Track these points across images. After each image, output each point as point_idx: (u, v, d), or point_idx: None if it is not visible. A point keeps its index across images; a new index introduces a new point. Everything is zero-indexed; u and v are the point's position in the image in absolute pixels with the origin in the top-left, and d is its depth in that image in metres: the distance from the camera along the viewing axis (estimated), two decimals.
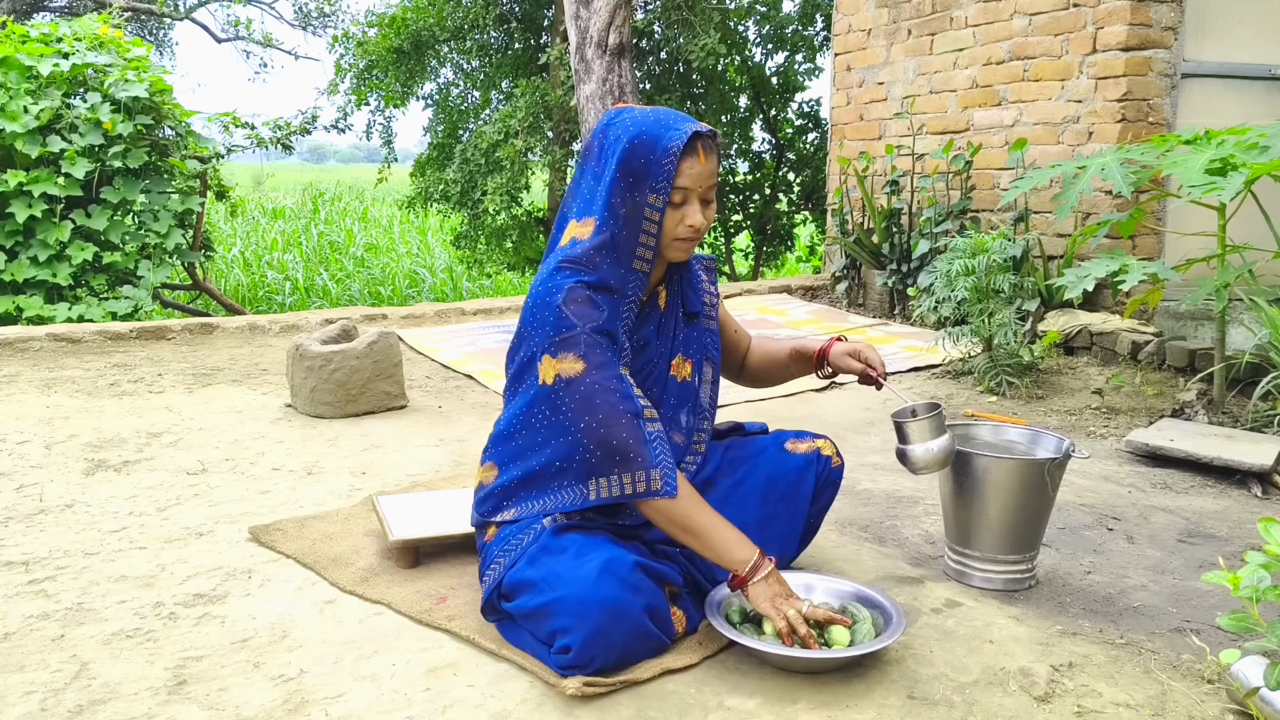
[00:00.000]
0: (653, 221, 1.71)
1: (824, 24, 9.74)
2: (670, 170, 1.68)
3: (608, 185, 1.72)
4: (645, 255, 1.73)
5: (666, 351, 1.86)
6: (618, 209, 1.71)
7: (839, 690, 1.57)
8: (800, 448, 1.95)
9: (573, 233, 1.77)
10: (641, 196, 1.70)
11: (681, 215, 1.72)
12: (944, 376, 3.98)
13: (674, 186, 1.69)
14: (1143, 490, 2.66)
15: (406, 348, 4.47)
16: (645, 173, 1.69)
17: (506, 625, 1.72)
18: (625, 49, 6.96)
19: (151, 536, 2.23)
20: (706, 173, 1.72)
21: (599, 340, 1.67)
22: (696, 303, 1.91)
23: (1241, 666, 1.50)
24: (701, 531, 1.66)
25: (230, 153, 7.59)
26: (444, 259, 12.32)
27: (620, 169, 1.70)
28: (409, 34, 9.70)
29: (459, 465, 2.79)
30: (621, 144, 1.71)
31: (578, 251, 1.73)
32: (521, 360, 1.79)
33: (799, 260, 11.76)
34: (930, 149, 5.16)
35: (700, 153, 1.71)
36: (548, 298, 1.69)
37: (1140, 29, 4.15)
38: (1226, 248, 3.21)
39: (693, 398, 1.91)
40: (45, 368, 4.01)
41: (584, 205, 1.78)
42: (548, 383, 1.68)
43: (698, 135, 1.70)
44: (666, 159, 1.68)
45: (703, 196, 1.74)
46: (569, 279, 1.70)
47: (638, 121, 1.72)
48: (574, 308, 1.67)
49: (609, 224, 1.72)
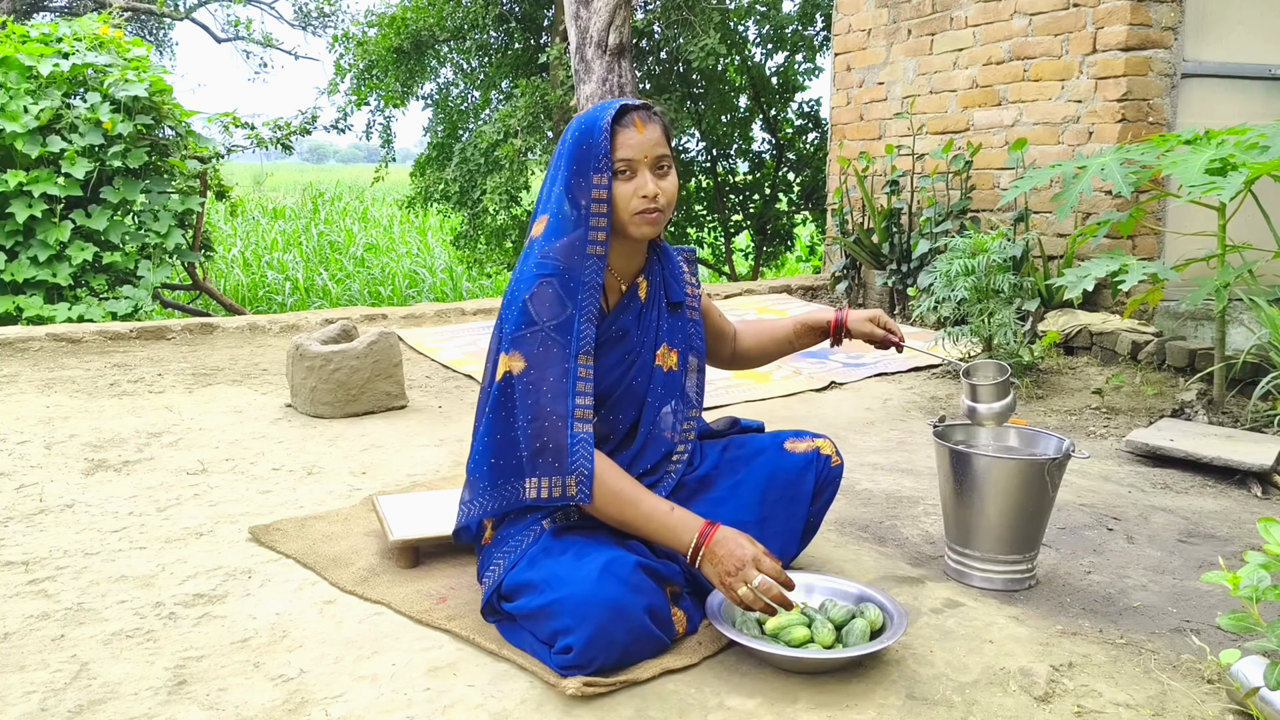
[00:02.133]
0: (600, 201, 1.72)
1: (824, 24, 9.74)
2: (606, 145, 1.71)
3: (558, 179, 1.77)
4: (597, 238, 1.73)
5: (650, 341, 1.87)
6: (573, 199, 1.75)
7: (839, 690, 1.57)
8: (800, 447, 1.95)
9: (533, 233, 1.82)
10: (588, 180, 1.72)
11: (634, 187, 1.73)
12: (944, 376, 3.98)
13: (614, 158, 1.71)
14: (1143, 490, 2.66)
15: (406, 348, 4.47)
16: (588, 155, 1.72)
17: (506, 625, 1.72)
18: (625, 49, 6.96)
19: (151, 536, 2.23)
20: (649, 141, 1.73)
21: (552, 338, 1.70)
22: (679, 292, 1.93)
23: (1241, 666, 1.50)
24: (642, 522, 1.67)
25: (230, 153, 7.58)
26: (444, 259, 12.31)
27: (569, 162, 1.75)
28: (409, 34, 9.70)
29: (459, 465, 2.79)
30: (567, 140, 1.77)
31: (535, 249, 1.77)
32: (492, 359, 1.83)
33: (799, 260, 11.76)
34: (930, 149, 5.16)
35: (636, 123, 1.73)
36: (515, 294, 1.74)
37: (1140, 29, 4.15)
38: (1226, 248, 3.21)
39: (679, 387, 1.92)
40: (45, 368, 4.01)
41: (542, 204, 1.83)
42: (498, 380, 1.73)
43: (627, 107, 1.74)
44: (601, 135, 1.71)
45: (653, 167, 1.74)
46: (533, 276, 1.73)
47: (581, 117, 1.78)
48: (537, 304, 1.71)
49: (560, 214, 1.76)
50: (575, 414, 1.68)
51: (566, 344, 1.70)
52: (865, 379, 3.98)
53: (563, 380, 1.69)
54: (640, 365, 1.86)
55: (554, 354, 1.69)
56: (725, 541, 1.63)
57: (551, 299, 1.71)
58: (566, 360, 1.69)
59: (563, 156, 1.77)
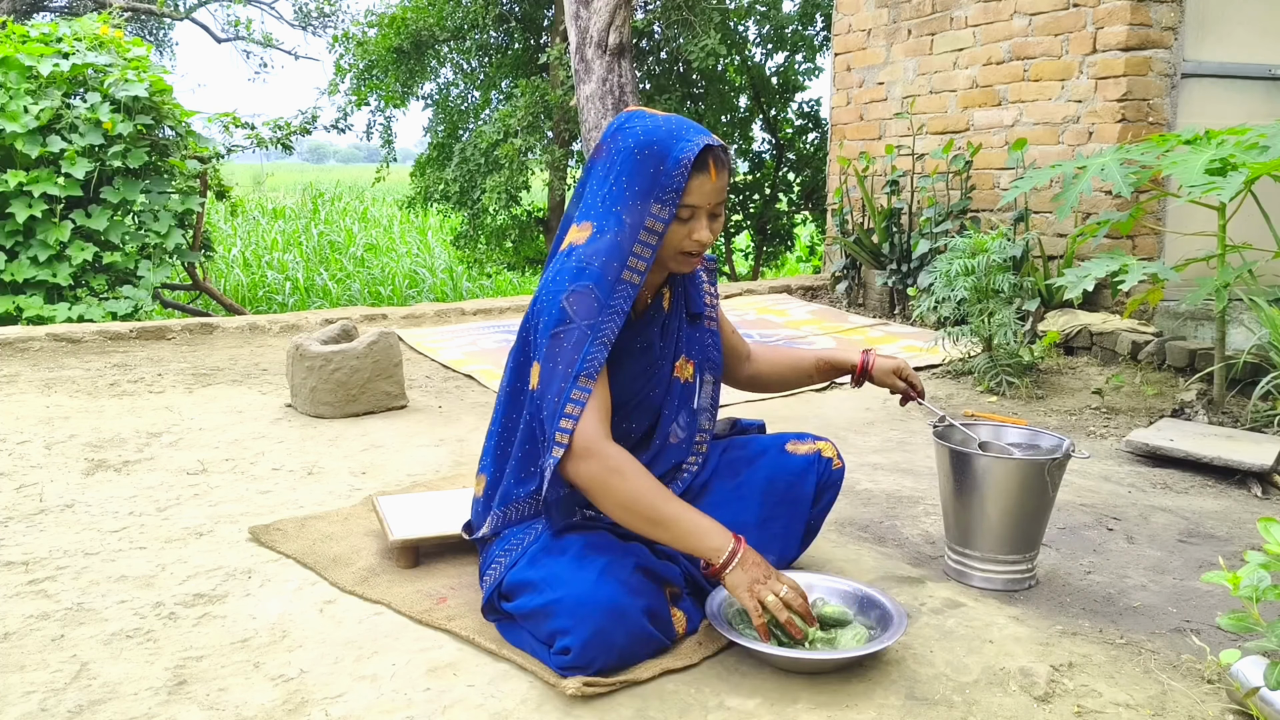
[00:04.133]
0: (653, 233, 1.66)
1: (824, 24, 9.74)
2: (680, 183, 1.64)
3: (611, 191, 1.69)
4: (638, 266, 1.67)
5: (670, 353, 1.86)
6: (620, 215, 1.67)
7: (839, 690, 1.57)
8: (801, 449, 1.94)
9: (571, 237, 1.75)
10: (645, 206, 1.65)
11: (688, 230, 1.69)
12: (944, 376, 3.98)
13: (682, 202, 1.66)
14: (1143, 490, 2.65)
15: (406, 348, 4.47)
16: (653, 183, 1.65)
17: (506, 625, 1.72)
18: (625, 49, 6.96)
19: (151, 536, 2.23)
20: (716, 189, 1.68)
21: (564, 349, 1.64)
22: (699, 303, 1.90)
23: (1241, 666, 1.50)
24: (669, 522, 1.60)
25: (230, 153, 7.59)
26: (444, 259, 12.32)
27: (626, 176, 1.67)
28: (409, 34, 9.70)
29: (459, 465, 2.79)
30: (630, 151, 1.67)
31: (577, 254, 1.70)
32: (517, 362, 1.81)
33: (799, 260, 11.76)
34: (930, 149, 5.16)
35: (712, 168, 1.66)
36: (552, 293, 1.68)
37: (1140, 29, 4.15)
38: (1226, 248, 3.21)
39: (694, 399, 1.91)
40: (45, 368, 4.01)
41: (585, 209, 1.75)
42: (533, 390, 1.70)
43: (709, 149, 1.66)
44: (677, 171, 1.64)
45: (710, 211, 1.70)
46: (574, 277, 1.67)
47: (649, 129, 1.68)
48: (575, 304, 1.64)
49: (608, 229, 1.68)
50: (556, 437, 1.61)
51: (572, 362, 1.63)
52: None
53: (556, 400, 1.63)
54: (659, 377, 1.84)
55: (559, 371, 1.63)
56: (754, 553, 1.63)
57: (589, 303, 1.65)
58: (565, 380, 1.63)
59: (622, 169, 1.68)
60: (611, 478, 1.60)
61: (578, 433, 1.60)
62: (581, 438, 1.60)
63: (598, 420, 1.63)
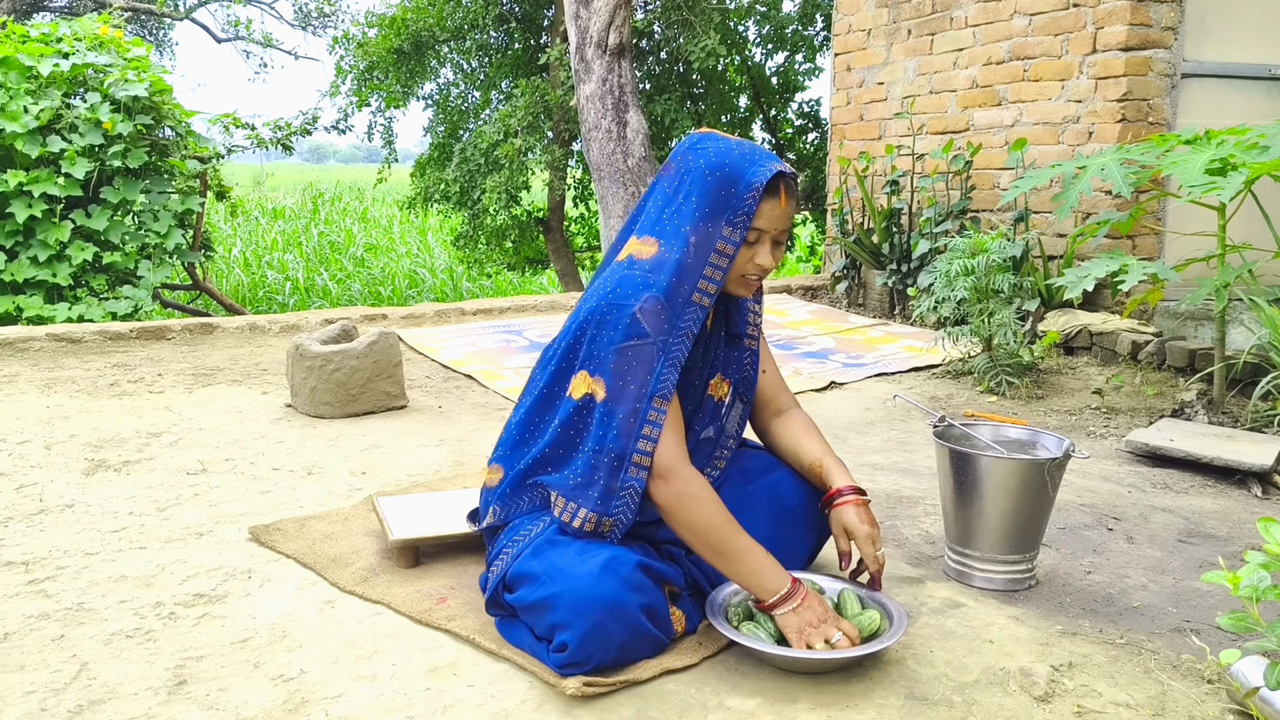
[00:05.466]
0: (724, 255, 1.67)
1: (824, 24, 9.74)
2: (751, 206, 1.66)
3: (681, 209, 1.70)
4: (708, 289, 1.68)
5: (707, 372, 1.86)
6: (686, 235, 1.68)
7: (839, 690, 1.57)
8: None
9: (631, 249, 1.74)
10: (716, 228, 1.67)
11: (753, 254, 1.70)
12: (944, 376, 3.98)
13: (751, 226, 1.67)
14: (1143, 490, 2.66)
15: (406, 348, 4.47)
16: (725, 205, 1.66)
17: (507, 623, 1.72)
18: (625, 49, 6.96)
19: (151, 536, 2.23)
20: (785, 215, 1.70)
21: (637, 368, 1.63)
22: (740, 324, 1.89)
23: (1241, 666, 1.50)
24: (734, 556, 1.63)
25: (230, 153, 7.58)
26: (444, 259, 12.32)
27: (699, 196, 1.68)
28: (409, 34, 9.70)
29: (459, 465, 2.79)
30: (703, 171, 1.69)
31: (640, 268, 1.69)
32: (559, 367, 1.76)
33: (799, 260, 11.77)
34: (930, 149, 5.16)
35: (783, 194, 1.68)
36: (621, 303, 1.65)
37: (1140, 29, 4.15)
38: (1226, 248, 3.21)
39: (724, 417, 1.91)
40: (45, 368, 4.01)
41: (649, 223, 1.75)
42: (576, 399, 1.69)
43: (781, 175, 1.68)
44: (749, 194, 1.65)
45: (775, 238, 1.72)
46: (643, 290, 1.65)
47: (722, 151, 1.70)
48: (649, 319, 1.64)
49: (675, 248, 1.68)
50: (633, 458, 1.63)
51: (645, 383, 1.63)
52: (865, 379, 3.98)
53: (631, 420, 1.63)
54: (693, 395, 1.84)
55: (630, 390, 1.63)
56: (813, 596, 1.65)
57: (659, 319, 1.64)
58: (640, 400, 1.63)
59: (692, 188, 1.69)
60: (689, 502, 1.64)
61: (658, 455, 1.63)
62: (662, 460, 1.63)
63: (675, 442, 1.66)
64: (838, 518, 1.80)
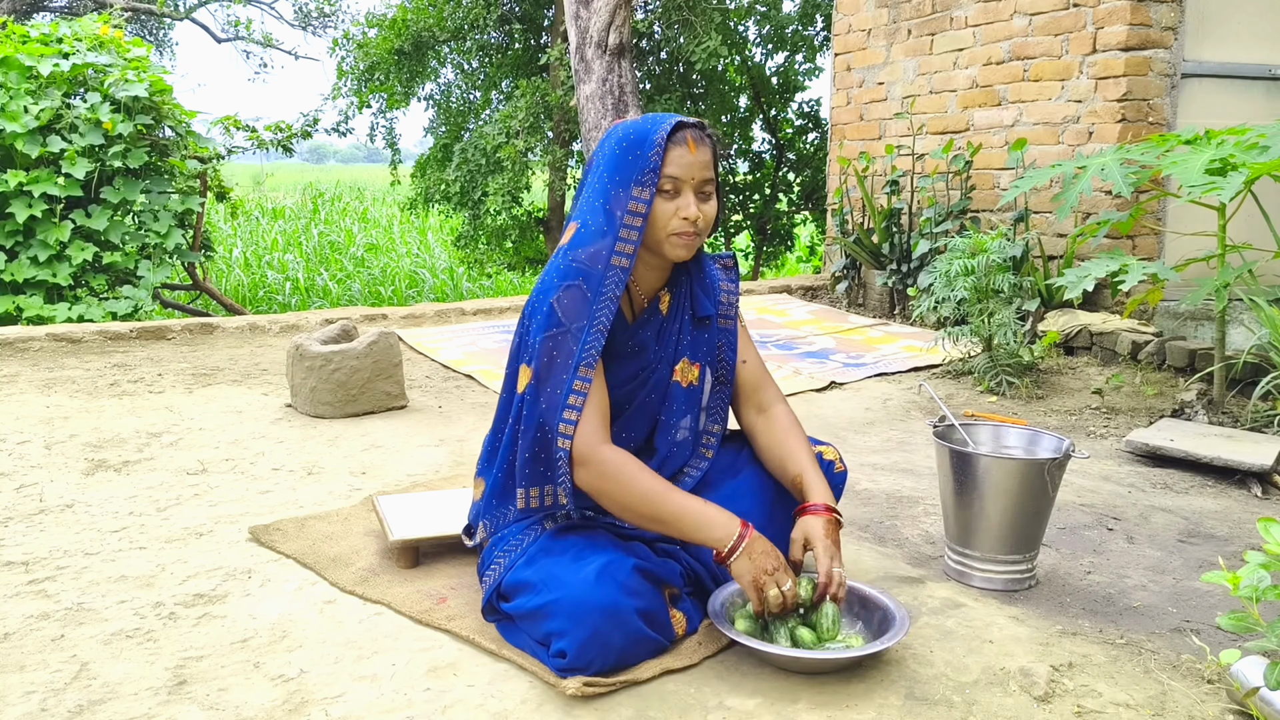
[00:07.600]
0: (637, 215, 1.69)
1: (824, 24, 9.74)
2: (657, 161, 1.68)
3: (594, 186, 1.75)
4: (625, 250, 1.70)
5: (669, 357, 1.85)
6: (603, 207, 1.72)
7: (839, 690, 1.57)
8: None
9: (561, 240, 1.81)
10: (627, 192, 1.70)
11: (675, 207, 1.71)
12: (944, 376, 3.98)
13: (662, 174, 1.69)
14: (1143, 490, 2.66)
15: (406, 348, 4.47)
16: (633, 167, 1.69)
17: (506, 625, 1.72)
18: (625, 49, 6.96)
19: (151, 536, 2.23)
20: (699, 163, 1.71)
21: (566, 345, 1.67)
22: (707, 306, 1.88)
23: (1241, 666, 1.50)
24: (673, 519, 1.63)
25: (230, 154, 7.58)
26: (444, 259, 12.31)
27: (609, 170, 1.72)
28: (409, 35, 9.70)
29: (459, 465, 2.79)
30: (612, 147, 1.74)
31: (562, 255, 1.75)
32: (512, 369, 1.83)
33: (799, 260, 11.76)
34: (930, 149, 5.16)
35: (690, 142, 1.70)
36: (541, 296, 1.73)
37: (1140, 29, 4.15)
38: (1226, 248, 3.21)
39: (698, 403, 1.90)
40: (45, 368, 4.01)
41: (574, 211, 1.82)
42: (520, 392, 1.75)
43: (683, 124, 1.71)
44: (652, 150, 1.68)
45: (698, 189, 1.72)
46: (560, 278, 1.71)
47: (629, 126, 1.75)
48: (565, 306, 1.69)
49: (590, 222, 1.74)
50: (560, 429, 1.65)
51: (570, 354, 1.67)
52: (865, 379, 3.98)
53: (557, 392, 1.67)
54: (655, 382, 1.84)
55: (557, 364, 1.68)
56: (762, 540, 1.64)
57: (579, 301, 1.69)
58: (565, 371, 1.67)
59: (602, 164, 1.74)
60: (612, 480, 1.64)
61: (575, 442, 1.65)
62: (580, 446, 1.65)
63: (594, 425, 1.66)
64: (801, 525, 1.72)
